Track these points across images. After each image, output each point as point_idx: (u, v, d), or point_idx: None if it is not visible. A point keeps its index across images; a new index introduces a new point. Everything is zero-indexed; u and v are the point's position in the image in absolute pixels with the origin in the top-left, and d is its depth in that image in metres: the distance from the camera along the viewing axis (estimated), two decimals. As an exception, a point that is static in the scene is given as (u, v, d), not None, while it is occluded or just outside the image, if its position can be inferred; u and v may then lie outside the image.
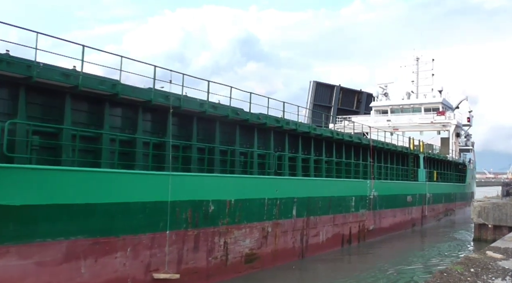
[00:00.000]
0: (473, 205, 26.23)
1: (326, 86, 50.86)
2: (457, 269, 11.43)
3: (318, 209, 19.93)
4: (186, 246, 13.37)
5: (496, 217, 25.11)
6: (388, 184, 27.60)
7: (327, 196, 20.68)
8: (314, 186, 19.89)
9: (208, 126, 15.66)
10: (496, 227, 25.20)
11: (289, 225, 18.02)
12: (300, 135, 20.20)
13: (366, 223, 24.44)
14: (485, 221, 25.47)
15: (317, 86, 49.19)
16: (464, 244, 27.01)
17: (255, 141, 17.45)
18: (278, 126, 18.24)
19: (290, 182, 18.28)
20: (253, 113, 17.26)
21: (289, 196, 18.03)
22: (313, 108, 46.99)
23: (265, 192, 16.68)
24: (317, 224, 19.96)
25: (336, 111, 51.02)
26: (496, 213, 25.11)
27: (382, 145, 27.44)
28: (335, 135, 22.50)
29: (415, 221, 31.56)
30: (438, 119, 43.38)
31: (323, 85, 50.09)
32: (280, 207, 17.44)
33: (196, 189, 13.80)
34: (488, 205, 25.60)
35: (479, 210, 25.64)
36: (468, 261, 12.87)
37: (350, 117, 48.83)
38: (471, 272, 11.27)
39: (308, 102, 48.56)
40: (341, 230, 21.92)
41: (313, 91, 48.78)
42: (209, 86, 14.88)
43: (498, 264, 12.34)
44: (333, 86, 51.79)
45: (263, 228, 16.58)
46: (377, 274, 17.61)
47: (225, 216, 14.78)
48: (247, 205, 15.76)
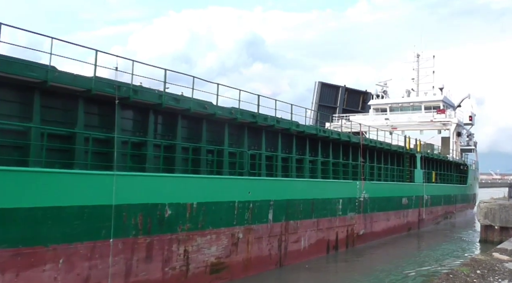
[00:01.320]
0: (480, 206, 25.79)
1: (331, 86, 50.27)
2: (463, 271, 11.36)
3: (299, 213, 18.30)
4: (136, 255, 11.80)
5: (503, 218, 24.79)
6: (381, 185, 25.91)
7: (309, 198, 19.04)
8: (294, 188, 18.27)
9: (168, 121, 14.10)
10: (502, 228, 24.81)
11: (264, 231, 16.41)
12: (279, 132, 18.59)
13: (356, 227, 22.77)
14: (491, 222, 25.06)
15: (322, 87, 48.54)
16: (463, 249, 25.28)
17: (225, 138, 15.85)
18: (252, 122, 16.64)
19: (265, 183, 16.67)
20: (225, 108, 15.70)
21: (265, 199, 16.42)
22: (318, 109, 46.29)
23: (235, 194, 15.08)
24: (298, 229, 18.32)
25: (341, 112, 50.05)
26: (503, 214, 24.80)
27: (374, 144, 25.76)
28: (320, 132, 20.85)
29: (411, 225, 29.81)
30: (438, 118, 41.63)
31: (328, 86, 49.49)
32: (253, 211, 15.83)
33: (149, 191, 12.21)
34: (494, 206, 25.16)
35: (485, 211, 25.24)
36: (474, 262, 12.74)
37: (348, 116, 47.40)
38: (477, 273, 11.19)
39: (314, 103, 47.72)
40: (326, 235, 20.27)
41: (318, 92, 48.11)
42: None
43: (504, 266, 12.26)
44: (338, 87, 51.23)
45: (233, 234, 14.98)
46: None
47: (185, 221, 13.20)
48: (213, 208, 14.17)
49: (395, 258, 22.43)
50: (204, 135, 14.97)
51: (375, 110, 47.57)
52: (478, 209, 26.11)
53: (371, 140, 26.29)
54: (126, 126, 12.89)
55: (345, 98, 51.78)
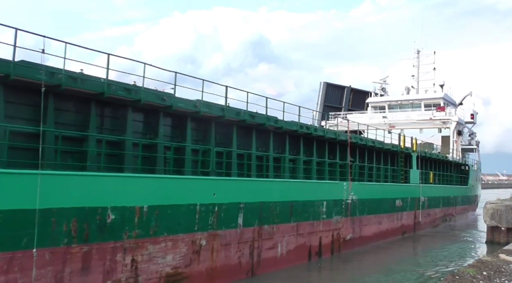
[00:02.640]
0: (486, 207, 25.47)
1: (336, 87, 49.39)
2: (469, 272, 11.28)
3: (275, 216, 16.70)
4: (69, 267, 10.26)
5: (509, 220, 24.57)
6: (371, 186, 24.23)
7: (288, 201, 17.44)
8: (270, 189, 16.67)
9: (117, 113, 12.55)
10: (509, 229, 24.58)
11: (232, 236, 14.83)
12: (254, 128, 17.00)
13: (342, 231, 21.11)
14: (498, 223, 24.80)
15: (328, 87, 47.58)
16: (460, 253, 23.55)
17: (188, 134, 14.28)
18: (220, 116, 15.06)
19: (234, 184, 15.08)
20: (189, 100, 14.18)
21: (233, 201, 14.84)
22: (323, 110, 45.30)
23: (197, 196, 13.51)
24: (274, 234, 16.72)
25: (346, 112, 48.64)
26: (510, 216, 24.57)
27: (364, 142, 24.09)
28: (302, 129, 19.22)
29: (406, 228, 28.09)
30: (437, 116, 39.86)
31: (333, 86, 48.59)
32: (219, 215, 14.26)
33: (86, 192, 10.66)
34: (501, 207, 24.84)
35: (492, 212, 24.99)
36: (481, 264, 12.63)
37: (345, 114, 45.92)
38: (483, 275, 11.13)
39: (319, 103, 46.68)
40: (307, 241, 18.64)
41: (323, 92, 47.13)
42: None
43: (511, 267, 12.21)
44: (344, 87, 50.29)
45: (194, 241, 13.40)
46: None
47: (133, 226, 11.64)
48: (169, 212, 12.60)
49: (387, 264, 20.82)
50: (161, 130, 13.41)
51: (373, 108, 45.92)
52: (484, 210, 25.65)
53: (362, 138, 24.64)
54: (64, 120, 11.34)
55: (350, 99, 51.06)
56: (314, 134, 19.75)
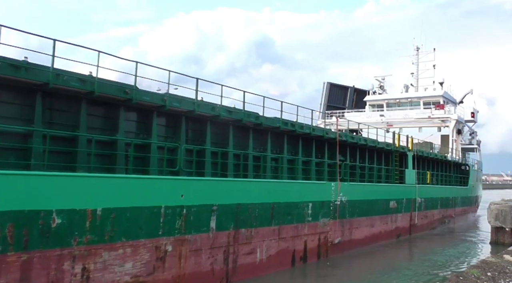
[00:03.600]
0: (490, 208, 25.38)
1: (340, 87, 48.79)
2: (474, 273, 11.24)
3: (253, 219, 15.54)
4: (4, 278, 9.14)
5: None
6: (363, 186, 23.02)
7: (268, 202, 16.27)
8: (248, 190, 15.50)
9: (69, 107, 11.42)
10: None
11: (204, 241, 13.67)
12: (231, 124, 15.85)
13: (330, 234, 19.92)
14: (502, 224, 24.73)
15: (331, 87, 46.92)
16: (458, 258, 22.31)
17: (153, 130, 13.14)
18: (190, 110, 13.92)
19: (206, 185, 13.91)
20: (156, 93, 13.07)
21: (204, 203, 13.69)
22: (327, 110, 44.58)
23: (161, 198, 12.37)
24: (253, 239, 15.56)
25: None
26: None
27: (355, 140, 22.88)
28: (286, 126, 18.04)
29: (401, 231, 26.84)
30: (436, 114, 38.59)
31: (337, 87, 47.95)
32: (188, 218, 13.11)
33: (25, 194, 9.54)
34: (505, 208, 24.75)
35: (496, 212, 24.90)
36: (485, 264, 12.62)
37: (341, 113, 44.87)
38: (488, 276, 11.11)
39: (322, 103, 45.95)
40: (291, 245, 17.47)
41: (327, 92, 46.44)
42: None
43: None
44: (347, 88, 49.65)
45: (158, 247, 12.26)
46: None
47: (84, 231, 10.51)
48: (128, 216, 11.47)
49: (379, 269, 19.61)
50: (122, 125, 12.28)
51: (371, 107, 44.72)
52: (488, 210, 25.51)
53: (353, 136, 23.43)
54: (7, 113, 10.22)
55: (354, 99, 50.35)
56: (299, 131, 18.56)
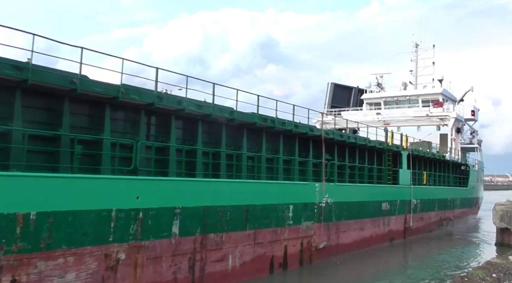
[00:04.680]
0: (495, 209, 25.11)
1: (344, 88, 47.91)
2: (479, 274, 11.23)
3: (224, 223, 14.25)
4: None
5: None
6: (351, 187, 21.67)
7: (242, 205, 14.97)
8: (217, 191, 14.19)
9: (2, 99, 10.18)
10: None
11: (165, 248, 12.38)
12: (200, 119, 14.57)
13: (315, 239, 18.58)
14: (507, 225, 24.51)
15: (335, 88, 46.00)
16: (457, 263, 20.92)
17: (106, 125, 11.87)
18: (149, 103, 12.65)
19: (167, 185, 12.62)
20: (112, 84, 11.81)
21: (165, 206, 12.41)
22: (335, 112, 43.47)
23: (112, 200, 11.09)
24: (224, 244, 14.26)
25: None
26: None
27: (344, 138, 21.53)
28: (265, 122, 16.74)
29: (394, 234, 25.44)
30: (434, 112, 37.17)
31: (341, 87, 47.06)
32: (145, 222, 11.83)
33: None
34: (511, 209, 24.44)
35: (501, 214, 24.66)
36: (490, 266, 12.62)
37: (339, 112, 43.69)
38: (493, 277, 11.16)
39: (326, 104, 45.07)
40: (269, 251, 16.15)
41: (331, 93, 45.49)
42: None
43: None
44: (351, 88, 48.63)
45: (108, 255, 10.98)
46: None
47: (13, 239, 9.24)
48: (70, 220, 10.20)
49: (369, 274, 18.40)
50: (66, 120, 11.02)
51: (368, 105, 43.39)
52: (493, 211, 25.27)
53: (341, 134, 22.08)
54: None
55: (358, 99, 49.01)
56: (278, 128, 17.24)
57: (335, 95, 45.92)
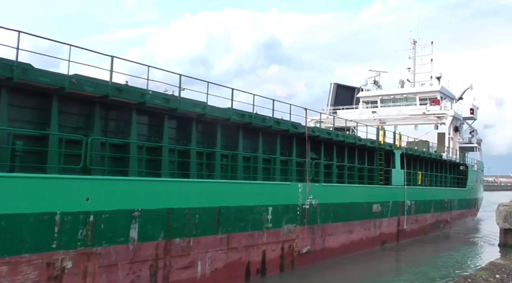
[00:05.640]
0: (499, 209, 24.84)
1: (346, 88, 47.39)
2: (482, 275, 11.22)
3: (192, 227, 13.09)
4: None
5: None
6: (338, 188, 20.48)
7: (213, 206, 13.82)
8: (184, 192, 13.02)
9: None
10: None
11: (121, 255, 11.24)
12: (166, 114, 13.42)
13: (297, 243, 17.41)
14: (511, 226, 24.35)
15: (338, 88, 45.51)
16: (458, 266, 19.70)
17: (53, 119, 10.74)
18: (104, 95, 11.50)
19: (123, 185, 11.47)
20: (60, 74, 10.69)
21: (121, 208, 11.26)
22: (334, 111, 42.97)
23: (56, 202, 9.96)
24: (191, 250, 13.10)
25: None
26: None
27: (331, 136, 20.34)
28: (242, 118, 15.59)
29: (386, 237, 24.22)
30: (431, 110, 35.95)
31: (343, 87, 46.56)
32: (97, 226, 10.70)
33: None
34: None
35: (505, 214, 24.46)
36: (493, 266, 12.61)
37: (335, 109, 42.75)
38: (496, 278, 11.16)
39: (329, 104, 44.53)
40: (244, 256, 14.98)
41: (333, 93, 44.98)
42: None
43: None
44: (354, 88, 47.91)
45: (50, 263, 9.83)
46: None
47: None
48: (2, 225, 9.07)
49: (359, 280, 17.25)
50: (4, 112, 9.89)
51: (365, 104, 42.23)
52: (497, 212, 25.07)
53: (329, 132, 20.89)
54: None
55: None
56: (256, 124, 16.08)
57: (337, 95, 45.34)
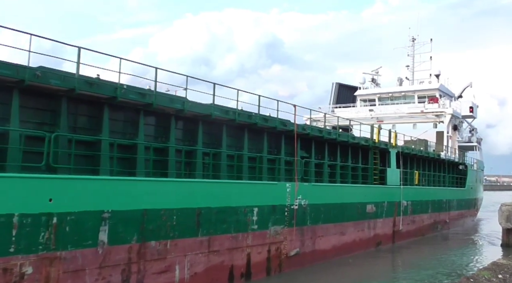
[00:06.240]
0: (501, 209, 24.67)
1: (348, 87, 46.85)
2: (484, 275, 11.23)
3: (169, 229, 12.39)
4: None
5: None
6: (329, 188, 19.72)
7: (192, 207, 13.10)
8: (160, 192, 12.31)
9: None
10: None
11: (89, 259, 10.53)
12: (142, 109, 12.71)
13: (285, 245, 16.68)
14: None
15: (340, 88, 45.10)
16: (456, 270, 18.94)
17: (12, 115, 10.03)
18: (70, 89, 10.79)
19: (90, 185, 10.75)
20: (19, 66, 9.99)
21: (89, 209, 10.56)
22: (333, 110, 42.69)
23: (13, 203, 9.25)
24: (168, 253, 12.39)
25: None
26: None
27: (322, 134, 19.60)
28: (227, 115, 14.87)
29: (381, 238, 23.46)
30: (429, 108, 35.17)
31: (345, 87, 46.11)
32: (61, 229, 9.99)
33: None
34: None
35: (507, 214, 24.42)
36: (496, 266, 12.62)
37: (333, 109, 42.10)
38: (499, 278, 11.16)
39: (331, 104, 44.20)
40: (227, 260, 14.26)
41: (335, 92, 44.58)
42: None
43: None
44: (356, 88, 48.66)
45: (8, 269, 9.13)
46: None
47: None
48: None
49: None
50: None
51: (362, 102, 41.49)
52: (499, 212, 24.94)
53: (320, 130, 20.14)
54: None
55: None
56: (240, 121, 15.34)
57: (339, 95, 44.83)
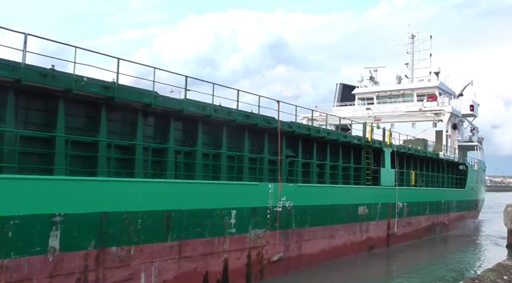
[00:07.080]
0: (506, 210, 24.70)
1: (352, 88, 46.05)
2: (490, 276, 11.21)
3: (133, 233, 11.40)
4: None
5: None
6: (317, 189, 18.68)
7: (160, 210, 12.12)
8: (123, 193, 11.33)
9: None
10: None
11: (37, 267, 9.56)
12: (104, 104, 11.73)
13: (267, 250, 15.66)
14: None
15: (344, 88, 44.48)
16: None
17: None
18: (15, 80, 9.83)
19: (38, 186, 9.77)
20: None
21: (36, 212, 9.58)
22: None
23: None
24: (132, 260, 11.40)
25: None
26: None
27: (308, 132, 18.56)
28: (203, 111, 13.88)
29: (374, 242, 22.38)
30: (428, 106, 34.06)
31: (349, 87, 45.21)
32: (3, 234, 9.03)
33: None
34: None
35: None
36: (501, 268, 12.67)
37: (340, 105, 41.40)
38: (504, 279, 11.09)
39: (335, 104, 43.64)
40: (201, 266, 13.25)
41: (339, 93, 43.99)
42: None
43: None
44: None
45: None
46: None
47: None
48: None
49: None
50: None
51: (360, 100, 40.46)
52: (504, 213, 24.89)
53: (308, 127, 19.10)
54: None
55: None
56: (215, 117, 14.33)
57: (343, 95, 44.15)
